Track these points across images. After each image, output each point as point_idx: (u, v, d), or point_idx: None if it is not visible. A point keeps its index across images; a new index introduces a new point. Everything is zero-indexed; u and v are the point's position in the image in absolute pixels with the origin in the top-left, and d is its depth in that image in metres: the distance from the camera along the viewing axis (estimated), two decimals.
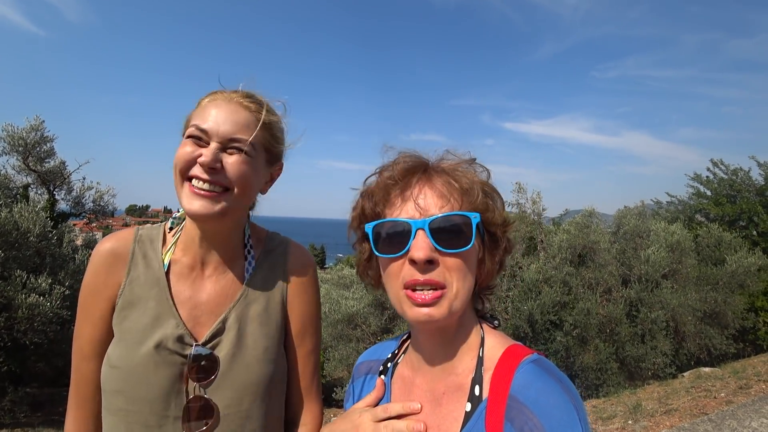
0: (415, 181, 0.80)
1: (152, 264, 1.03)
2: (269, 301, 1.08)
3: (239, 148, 0.98)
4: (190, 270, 1.04)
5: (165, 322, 0.98)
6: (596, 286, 7.43)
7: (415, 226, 0.75)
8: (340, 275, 10.13)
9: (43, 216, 6.30)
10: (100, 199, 8.70)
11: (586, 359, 6.78)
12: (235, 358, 0.99)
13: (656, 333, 6.95)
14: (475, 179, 0.81)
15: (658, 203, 12.50)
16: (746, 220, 10.67)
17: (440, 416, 0.77)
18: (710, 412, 4.46)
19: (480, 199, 0.79)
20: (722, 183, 11.42)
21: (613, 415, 5.04)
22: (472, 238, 0.75)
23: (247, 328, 1.03)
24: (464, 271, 0.76)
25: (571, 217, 9.00)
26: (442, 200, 0.77)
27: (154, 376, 0.93)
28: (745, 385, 5.24)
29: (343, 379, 7.90)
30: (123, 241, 1.05)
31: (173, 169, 0.97)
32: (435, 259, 0.74)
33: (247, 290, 1.06)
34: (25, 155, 7.52)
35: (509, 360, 0.74)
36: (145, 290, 1.01)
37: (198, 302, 1.03)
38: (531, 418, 0.66)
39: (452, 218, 0.75)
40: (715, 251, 8.60)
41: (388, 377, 0.91)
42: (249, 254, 1.10)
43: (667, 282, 7.47)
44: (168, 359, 0.95)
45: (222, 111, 0.99)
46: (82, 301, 1.03)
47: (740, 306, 7.84)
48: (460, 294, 0.76)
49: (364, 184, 0.87)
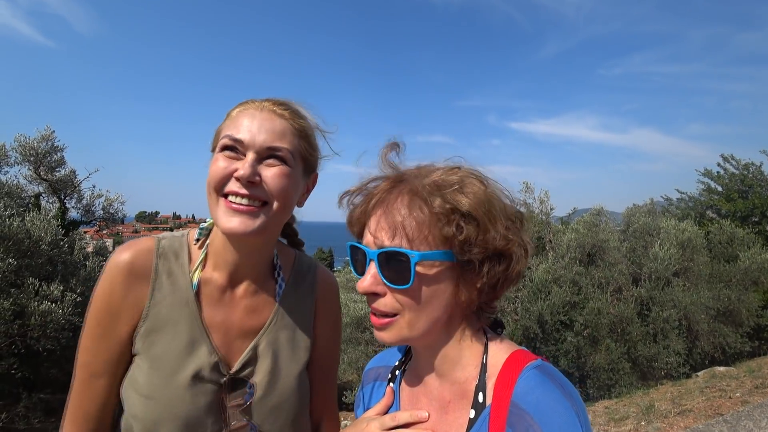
0: (380, 203, 0.76)
1: (179, 283, 0.96)
2: (299, 325, 1.06)
3: (280, 158, 0.93)
4: (222, 291, 0.99)
5: (199, 349, 0.93)
6: (606, 286, 7.35)
7: (369, 256, 0.75)
8: (348, 278, 10.13)
9: (54, 224, 6.38)
10: (110, 207, 8.81)
11: (597, 359, 6.71)
12: (270, 384, 0.98)
13: (668, 332, 6.86)
14: (447, 199, 0.72)
15: (668, 200, 12.36)
16: (759, 216, 10.49)
17: (447, 423, 0.77)
18: (725, 413, 4.38)
19: (446, 228, 0.71)
20: (733, 178, 11.25)
21: (626, 416, 4.97)
22: (410, 276, 0.70)
23: (280, 354, 1.01)
24: (414, 304, 0.73)
25: (579, 215, 8.92)
26: (391, 231, 0.72)
27: (193, 406, 0.90)
28: (761, 385, 5.15)
29: (353, 382, 7.90)
30: (143, 254, 0.96)
31: (207, 187, 0.92)
32: (382, 291, 0.74)
33: (278, 314, 1.03)
34: (37, 165, 7.64)
35: (512, 366, 0.74)
36: (174, 313, 0.94)
37: (230, 326, 0.98)
38: (532, 424, 0.66)
39: (392, 254, 0.71)
40: (728, 248, 8.47)
41: (396, 384, 0.91)
42: (279, 276, 1.06)
43: (678, 280, 7.38)
44: (205, 388, 0.92)
45: (256, 120, 0.93)
46: (97, 317, 0.93)
47: (755, 303, 7.72)
48: (414, 323, 0.74)
49: (344, 200, 0.85)
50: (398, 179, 0.77)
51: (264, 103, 0.98)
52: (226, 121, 0.98)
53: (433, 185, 0.73)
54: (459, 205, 0.72)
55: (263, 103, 0.98)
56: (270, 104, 0.98)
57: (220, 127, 0.98)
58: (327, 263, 48.72)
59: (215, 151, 0.95)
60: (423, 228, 0.71)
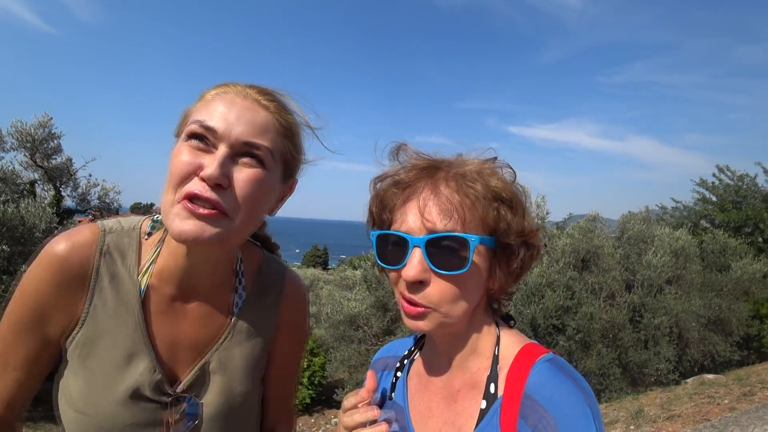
0: (421, 189, 0.74)
1: (123, 287, 0.83)
2: (257, 341, 0.93)
3: (258, 157, 0.78)
4: (172, 299, 0.86)
5: (139, 363, 0.82)
6: (599, 291, 7.40)
7: (412, 243, 0.72)
8: (343, 276, 10.14)
9: (49, 212, 6.35)
10: (106, 196, 8.79)
11: (588, 364, 6.75)
12: (221, 405, 0.88)
13: (659, 339, 6.91)
14: (491, 185, 0.75)
15: (663, 209, 12.45)
16: (752, 227, 10.60)
17: (456, 413, 0.78)
18: (713, 419, 4.43)
19: (491, 213, 0.73)
20: (728, 189, 11.35)
21: (615, 420, 5.01)
22: (468, 261, 0.71)
23: (234, 373, 0.89)
24: (458, 293, 0.74)
25: (575, 221, 8.96)
26: (444, 215, 0.71)
27: (130, 424, 0.80)
28: (749, 392, 5.20)
29: (344, 380, 7.90)
30: (83, 250, 0.81)
31: (165, 182, 0.77)
32: (426, 279, 0.73)
33: (234, 328, 0.91)
34: (33, 151, 7.60)
35: (524, 359, 0.74)
36: (114, 322, 0.82)
37: (179, 338, 0.86)
38: (545, 415, 0.66)
39: (449, 239, 0.70)
40: (720, 257, 8.54)
41: (404, 374, 0.91)
42: (240, 284, 0.93)
43: (671, 288, 7.44)
44: (145, 406, 0.82)
45: (235, 107, 0.78)
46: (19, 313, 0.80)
47: (745, 313, 7.78)
48: (451, 313, 0.75)
49: (374, 187, 0.84)
50: (435, 166, 0.77)
51: (248, 90, 0.83)
52: (198, 104, 0.82)
53: (475, 172, 0.75)
54: (501, 191, 0.75)
55: (246, 89, 0.83)
56: (255, 92, 0.83)
57: (190, 110, 0.82)
58: (322, 261, 48.62)
59: (180, 138, 0.80)
60: (474, 211, 0.72)
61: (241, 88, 0.83)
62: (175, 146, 0.80)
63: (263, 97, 0.83)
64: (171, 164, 0.76)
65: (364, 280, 8.36)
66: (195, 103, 0.84)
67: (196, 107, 0.81)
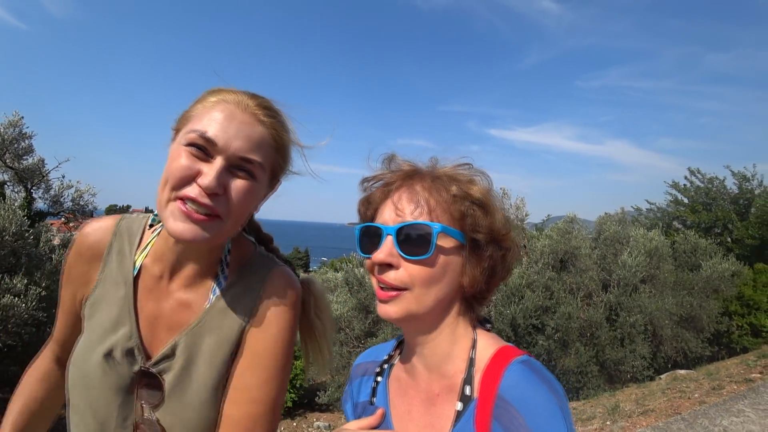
0: (397, 187, 0.84)
1: (124, 263, 0.97)
2: (227, 329, 0.93)
3: (249, 171, 0.85)
4: (157, 280, 0.95)
5: (121, 329, 0.92)
6: (577, 291, 7.57)
7: (385, 232, 0.80)
8: (324, 279, 10.09)
9: (20, 214, 6.13)
10: (80, 198, 8.52)
11: (567, 363, 6.89)
12: (179, 389, 0.89)
13: (635, 337, 7.11)
14: (462, 186, 0.82)
15: (638, 210, 12.82)
16: (721, 227, 11.02)
17: (434, 416, 0.80)
18: (684, 412, 4.59)
19: (459, 208, 0.80)
20: (699, 191, 11.78)
21: (593, 416, 5.14)
22: (431, 246, 0.76)
23: (197, 360, 0.91)
24: (426, 278, 0.78)
25: (553, 222, 9.15)
26: (414, 206, 0.80)
27: (99, 384, 0.88)
28: (717, 386, 5.40)
29: (326, 383, 7.86)
30: (102, 232, 1.00)
31: (161, 183, 0.83)
32: (396, 263, 0.79)
33: (208, 315, 0.93)
34: (2, 152, 7.32)
35: (499, 361, 0.77)
36: (112, 290, 0.95)
37: (159, 317, 0.94)
38: (516, 417, 0.68)
39: (415, 226, 0.78)
40: (692, 257, 8.85)
41: (384, 378, 0.93)
42: (222, 274, 0.97)
43: (645, 287, 7.66)
44: (116, 370, 0.89)
45: (235, 121, 0.84)
46: (63, 275, 1.02)
47: (715, 310, 8.08)
48: (421, 298, 0.78)
49: (362, 188, 0.92)
50: (415, 170, 0.86)
51: (248, 101, 0.88)
52: (197, 106, 0.88)
53: (449, 175, 0.84)
54: (471, 192, 0.82)
55: (247, 100, 0.88)
56: (254, 105, 0.88)
57: (189, 113, 0.88)
58: (303, 263, 48.18)
59: (180, 142, 0.84)
60: (442, 205, 0.80)
61: (241, 97, 0.88)
62: (173, 144, 0.87)
63: (262, 112, 0.89)
64: (170, 165, 0.83)
65: (346, 282, 8.33)
66: (195, 103, 0.89)
67: (196, 111, 0.87)
